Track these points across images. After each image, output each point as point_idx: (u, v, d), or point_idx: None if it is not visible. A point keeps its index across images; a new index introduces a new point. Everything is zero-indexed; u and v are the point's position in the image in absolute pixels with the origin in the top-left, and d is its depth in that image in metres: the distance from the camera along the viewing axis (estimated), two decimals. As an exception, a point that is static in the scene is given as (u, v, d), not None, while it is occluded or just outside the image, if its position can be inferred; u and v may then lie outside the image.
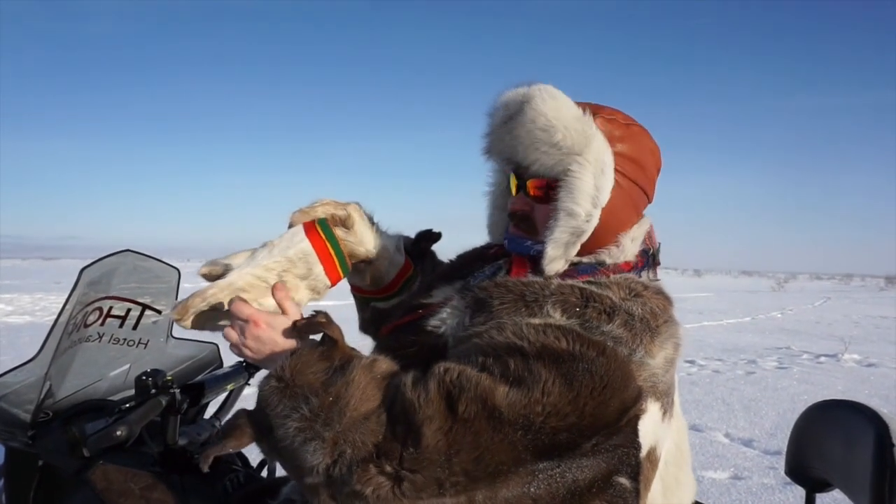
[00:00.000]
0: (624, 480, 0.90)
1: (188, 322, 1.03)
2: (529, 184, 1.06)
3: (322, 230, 1.09)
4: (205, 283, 1.06)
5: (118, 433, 1.05)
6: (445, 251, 1.39)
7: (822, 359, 8.05)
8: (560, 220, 1.01)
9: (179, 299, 1.05)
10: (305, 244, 1.06)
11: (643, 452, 0.93)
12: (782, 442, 4.15)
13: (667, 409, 0.98)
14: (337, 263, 1.10)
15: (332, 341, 0.92)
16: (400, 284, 1.31)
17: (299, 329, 0.95)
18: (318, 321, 0.93)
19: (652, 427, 0.94)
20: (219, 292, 1.01)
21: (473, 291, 1.04)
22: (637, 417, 0.90)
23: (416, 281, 1.33)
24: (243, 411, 0.92)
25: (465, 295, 1.06)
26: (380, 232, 1.28)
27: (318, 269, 1.07)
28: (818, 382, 6.38)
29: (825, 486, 1.21)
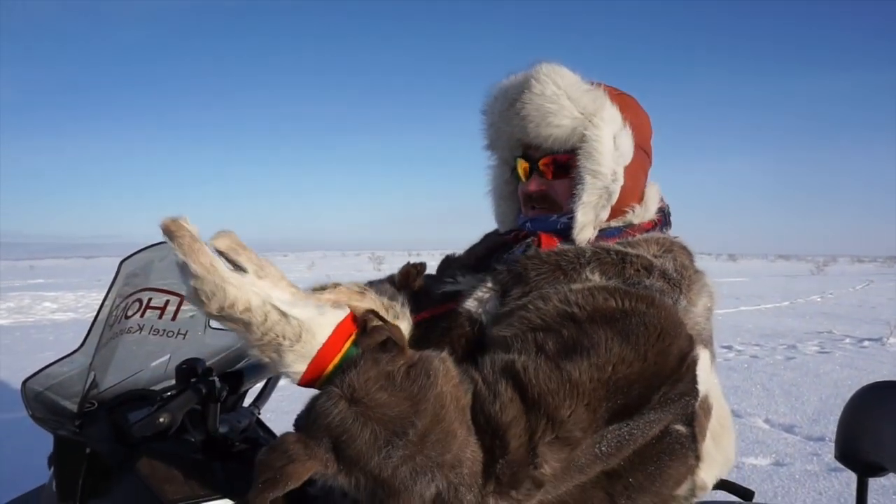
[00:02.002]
0: (679, 427, 0.91)
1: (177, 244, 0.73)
2: (542, 163, 1.08)
3: (350, 343, 0.81)
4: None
5: (161, 420, 1.07)
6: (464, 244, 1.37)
7: (866, 343, 7.80)
8: (586, 184, 1.03)
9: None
10: (325, 331, 0.78)
11: (697, 400, 0.93)
12: (825, 428, 4.06)
13: (713, 358, 1.01)
14: (324, 374, 0.79)
15: (397, 347, 0.80)
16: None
17: (360, 343, 0.81)
18: (379, 327, 0.81)
19: (704, 375, 0.94)
20: (211, 277, 0.73)
21: (506, 268, 1.03)
22: (695, 363, 0.90)
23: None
24: (289, 441, 0.73)
25: (497, 274, 1.04)
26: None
27: (297, 359, 0.77)
28: (862, 367, 6.19)
29: (878, 471, 1.17)
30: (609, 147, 1.03)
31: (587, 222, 1.04)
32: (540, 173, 1.09)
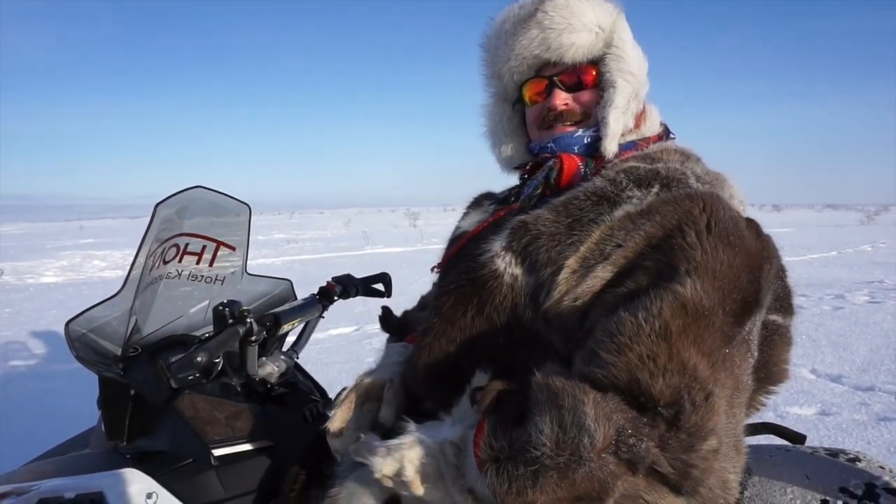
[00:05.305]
0: (775, 317, 0.98)
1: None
2: (563, 77, 1.09)
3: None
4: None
5: (198, 360, 1.07)
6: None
7: (920, 293, 7.50)
8: (618, 88, 1.04)
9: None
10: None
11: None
12: (875, 378, 3.93)
13: None
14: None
15: (507, 390, 0.84)
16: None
17: (485, 411, 0.84)
18: (485, 390, 0.84)
19: None
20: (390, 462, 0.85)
21: (522, 234, 0.96)
22: (769, 236, 0.96)
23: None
24: None
25: (513, 234, 0.97)
26: None
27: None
28: (916, 317, 5.96)
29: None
30: (636, 51, 1.07)
31: (618, 130, 1.04)
32: (563, 88, 1.08)
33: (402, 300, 1.55)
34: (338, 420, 1.07)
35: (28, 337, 5.93)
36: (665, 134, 1.13)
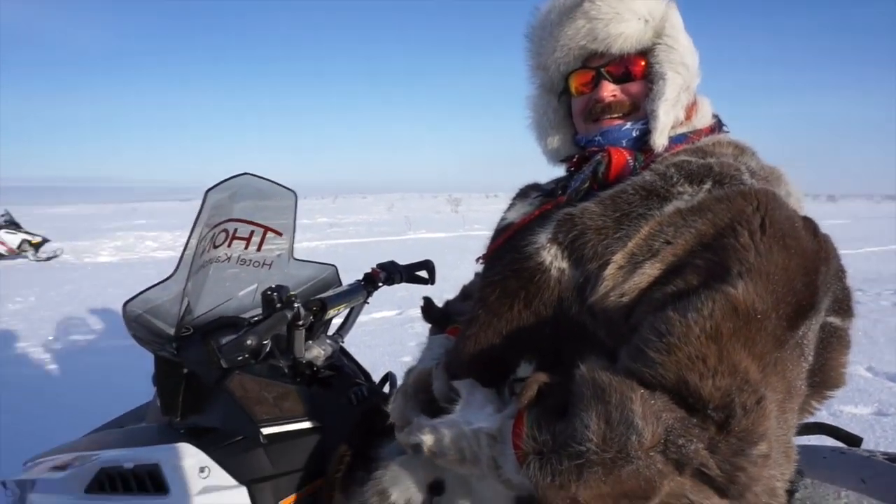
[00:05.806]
0: (833, 319, 0.95)
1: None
2: (611, 69, 1.06)
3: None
4: None
5: (248, 343, 1.10)
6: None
7: None
8: (668, 80, 1.01)
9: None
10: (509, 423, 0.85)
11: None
12: (939, 378, 3.76)
13: None
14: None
15: (547, 384, 0.84)
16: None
17: (526, 406, 0.84)
18: (527, 384, 0.84)
19: None
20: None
21: (567, 228, 0.95)
22: (827, 236, 0.92)
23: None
24: None
25: (560, 227, 0.96)
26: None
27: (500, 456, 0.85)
28: (983, 315, 5.65)
29: None
30: (688, 41, 1.04)
31: (668, 123, 1.01)
32: (611, 79, 1.06)
33: (445, 286, 1.56)
34: (395, 415, 1.08)
35: (87, 313, 6.21)
36: (717, 126, 1.10)
